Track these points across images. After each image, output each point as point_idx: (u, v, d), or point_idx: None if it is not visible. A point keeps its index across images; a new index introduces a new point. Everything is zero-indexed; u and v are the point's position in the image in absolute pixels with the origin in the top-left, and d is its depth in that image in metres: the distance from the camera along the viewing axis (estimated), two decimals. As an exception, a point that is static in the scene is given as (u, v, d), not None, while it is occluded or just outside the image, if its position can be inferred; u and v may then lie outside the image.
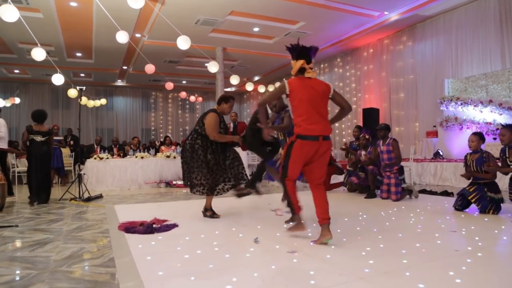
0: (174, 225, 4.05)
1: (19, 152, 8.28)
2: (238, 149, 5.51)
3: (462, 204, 4.74)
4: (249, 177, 4.88)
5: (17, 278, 2.53)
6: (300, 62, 3.27)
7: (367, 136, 6.56)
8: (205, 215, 4.59)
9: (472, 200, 4.59)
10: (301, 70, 3.30)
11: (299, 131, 3.16)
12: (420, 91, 10.21)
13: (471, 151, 4.75)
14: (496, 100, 8.00)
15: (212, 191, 4.47)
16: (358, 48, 12.29)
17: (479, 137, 4.67)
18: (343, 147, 7.59)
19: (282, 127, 4.43)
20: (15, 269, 2.72)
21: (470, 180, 4.78)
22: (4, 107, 12.91)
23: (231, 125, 8.54)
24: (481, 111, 8.23)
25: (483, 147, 4.79)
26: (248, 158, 8.62)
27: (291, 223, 3.82)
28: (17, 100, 13.54)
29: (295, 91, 3.20)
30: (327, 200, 3.25)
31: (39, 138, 6.24)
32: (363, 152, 6.58)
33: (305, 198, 3.74)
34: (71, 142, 11.00)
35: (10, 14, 5.05)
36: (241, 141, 4.70)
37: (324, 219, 3.17)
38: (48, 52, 7.03)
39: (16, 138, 14.80)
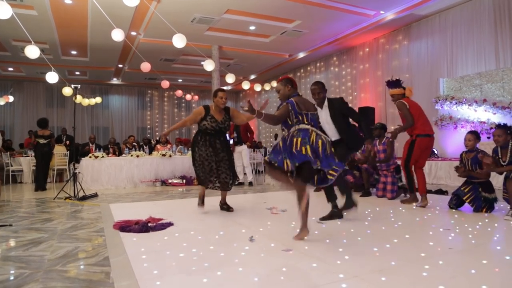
0: (170, 224, 4.05)
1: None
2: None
3: (456, 203, 4.77)
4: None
5: (11, 278, 2.51)
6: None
7: (361, 135, 6.56)
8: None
9: (467, 201, 4.62)
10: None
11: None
12: (415, 90, 10.17)
13: (466, 150, 4.77)
14: (490, 100, 8.04)
15: (202, 183, 4.77)
16: (354, 47, 12.31)
17: (475, 136, 4.69)
18: None
19: (271, 117, 3.40)
20: (9, 268, 2.71)
21: (465, 179, 4.81)
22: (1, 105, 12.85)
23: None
24: (476, 110, 8.27)
25: (477, 146, 4.82)
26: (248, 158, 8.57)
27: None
28: (11, 98, 13.46)
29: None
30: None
31: (42, 141, 8.06)
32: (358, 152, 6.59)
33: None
34: (67, 142, 10.96)
35: (3, 11, 5.01)
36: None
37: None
38: (42, 50, 7.01)
39: (10, 137, 14.72)
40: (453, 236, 3.43)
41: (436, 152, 8.79)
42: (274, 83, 15.10)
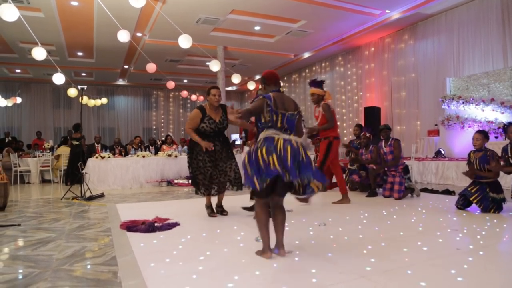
0: (176, 224, 4.07)
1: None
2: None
3: (464, 203, 4.74)
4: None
5: (20, 277, 2.54)
6: None
7: (368, 135, 6.56)
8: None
9: (474, 201, 4.58)
10: None
11: None
12: (421, 89, 10.20)
13: (475, 149, 4.74)
14: (498, 99, 7.98)
15: (206, 193, 4.56)
16: (359, 46, 12.27)
17: (483, 135, 4.66)
18: (345, 143, 7.58)
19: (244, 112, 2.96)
20: (18, 268, 2.73)
21: (473, 179, 4.77)
22: (6, 106, 12.94)
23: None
24: (483, 110, 8.21)
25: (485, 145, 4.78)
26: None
27: None
28: (19, 100, 13.56)
29: None
30: None
31: (74, 142, 9.68)
32: (364, 151, 6.57)
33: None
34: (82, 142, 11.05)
35: (10, 13, 5.06)
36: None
37: None
38: (49, 52, 7.04)
39: (18, 138, 14.82)
40: (461, 236, 3.41)
41: (443, 152, 8.73)
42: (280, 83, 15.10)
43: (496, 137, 7.69)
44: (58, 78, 7.48)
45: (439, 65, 9.70)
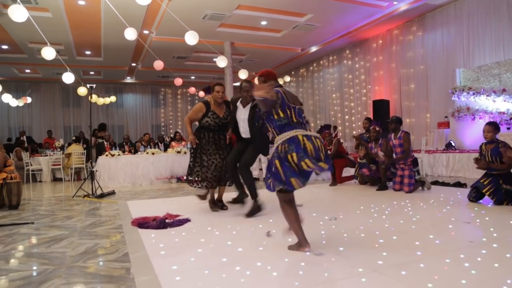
0: (187, 220, 4.09)
1: None
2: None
3: (476, 195, 4.68)
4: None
5: (35, 274, 2.57)
6: None
7: (377, 128, 6.51)
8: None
9: (487, 193, 4.52)
10: None
11: None
12: (431, 81, 10.08)
13: (486, 141, 4.68)
14: (510, 89, 7.85)
15: (210, 186, 4.65)
16: (367, 39, 12.15)
17: (494, 127, 4.59)
18: (355, 136, 7.53)
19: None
20: (33, 265, 2.77)
21: (485, 171, 4.71)
22: (17, 106, 13.10)
23: None
24: (494, 101, 8.09)
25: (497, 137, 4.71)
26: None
27: None
28: (29, 100, 13.70)
29: None
30: None
31: (100, 140, 10.33)
32: (381, 153, 6.53)
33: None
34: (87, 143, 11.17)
35: (19, 14, 5.10)
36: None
37: None
38: (57, 51, 7.11)
39: (32, 135, 14.99)
40: (474, 229, 3.37)
41: (453, 144, 8.64)
42: (287, 78, 15.07)
43: (508, 128, 7.58)
44: (68, 77, 7.55)
45: (448, 56, 9.57)
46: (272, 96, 2.71)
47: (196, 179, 4.64)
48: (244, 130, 4.46)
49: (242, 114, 4.43)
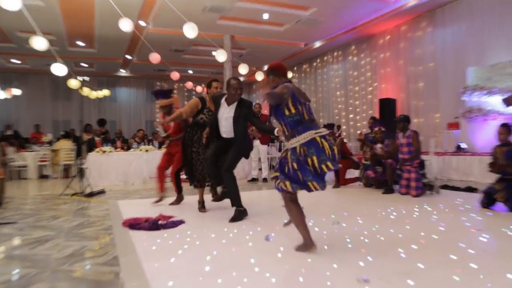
0: (181, 222, 4.04)
1: None
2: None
3: (489, 201, 4.62)
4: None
5: (17, 277, 2.52)
6: None
7: (383, 129, 6.48)
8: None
9: (500, 200, 4.47)
10: None
11: None
12: (440, 80, 10.03)
13: (499, 144, 4.63)
14: (525, 89, 7.79)
15: (200, 184, 4.80)
16: (373, 35, 12.11)
17: (508, 128, 4.55)
18: (359, 137, 7.50)
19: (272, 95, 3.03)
20: (15, 268, 2.72)
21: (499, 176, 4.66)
22: (5, 99, 12.99)
23: None
24: (508, 101, 8.03)
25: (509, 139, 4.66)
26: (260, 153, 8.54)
27: None
28: (15, 92, 13.49)
29: None
30: None
31: (102, 136, 10.34)
32: (379, 145, 6.49)
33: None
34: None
35: (13, 2, 5.01)
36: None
37: None
38: (48, 41, 7.02)
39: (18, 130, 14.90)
40: (487, 237, 3.32)
41: (464, 146, 8.58)
42: (290, 74, 15.02)
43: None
44: (59, 69, 7.46)
45: (459, 53, 9.51)
46: (283, 92, 2.82)
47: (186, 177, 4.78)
48: (226, 130, 4.32)
49: (226, 113, 4.29)
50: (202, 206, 4.82)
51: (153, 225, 3.78)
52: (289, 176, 2.82)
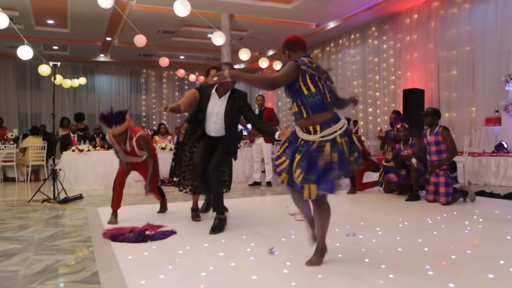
0: (172, 232, 4.08)
1: None
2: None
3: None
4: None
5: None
6: None
7: (406, 126, 6.49)
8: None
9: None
10: None
11: None
12: (478, 67, 10.03)
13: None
14: None
15: (196, 191, 4.84)
16: (398, 13, 12.12)
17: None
18: (379, 135, 7.52)
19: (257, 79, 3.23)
20: (-24, 285, 2.76)
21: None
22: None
23: (257, 111, 8.47)
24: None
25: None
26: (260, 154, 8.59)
27: None
28: None
29: None
30: None
31: (78, 133, 10.34)
32: (403, 146, 6.52)
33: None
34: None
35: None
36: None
37: None
38: (11, 18, 7.01)
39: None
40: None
41: (505, 145, 8.57)
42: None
43: None
44: (24, 52, 7.49)
45: (503, 35, 9.48)
46: (290, 70, 2.81)
47: (183, 181, 4.76)
48: (216, 127, 4.34)
49: (217, 107, 4.29)
50: (196, 215, 4.85)
51: (139, 236, 3.82)
52: (319, 176, 2.75)
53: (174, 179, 4.84)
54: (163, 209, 5.38)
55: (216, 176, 4.28)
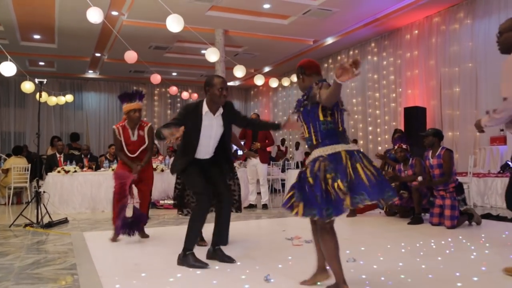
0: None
1: None
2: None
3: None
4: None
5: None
6: None
7: (404, 146, 6.53)
8: None
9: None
10: None
11: None
12: (481, 83, 10.10)
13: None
14: None
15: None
16: (398, 29, 12.25)
17: None
18: (378, 154, 7.56)
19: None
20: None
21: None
22: None
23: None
24: None
25: None
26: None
27: None
28: None
29: None
30: None
31: (76, 153, 10.63)
32: (403, 167, 6.56)
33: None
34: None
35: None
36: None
37: None
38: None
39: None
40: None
41: (511, 165, 8.59)
42: (295, 78, 15.13)
43: None
44: (7, 68, 7.50)
45: (505, 51, 9.58)
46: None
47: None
48: (209, 149, 4.10)
49: (214, 125, 4.01)
50: (201, 239, 4.69)
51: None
52: (306, 198, 2.75)
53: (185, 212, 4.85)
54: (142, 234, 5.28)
55: (230, 210, 4.26)
